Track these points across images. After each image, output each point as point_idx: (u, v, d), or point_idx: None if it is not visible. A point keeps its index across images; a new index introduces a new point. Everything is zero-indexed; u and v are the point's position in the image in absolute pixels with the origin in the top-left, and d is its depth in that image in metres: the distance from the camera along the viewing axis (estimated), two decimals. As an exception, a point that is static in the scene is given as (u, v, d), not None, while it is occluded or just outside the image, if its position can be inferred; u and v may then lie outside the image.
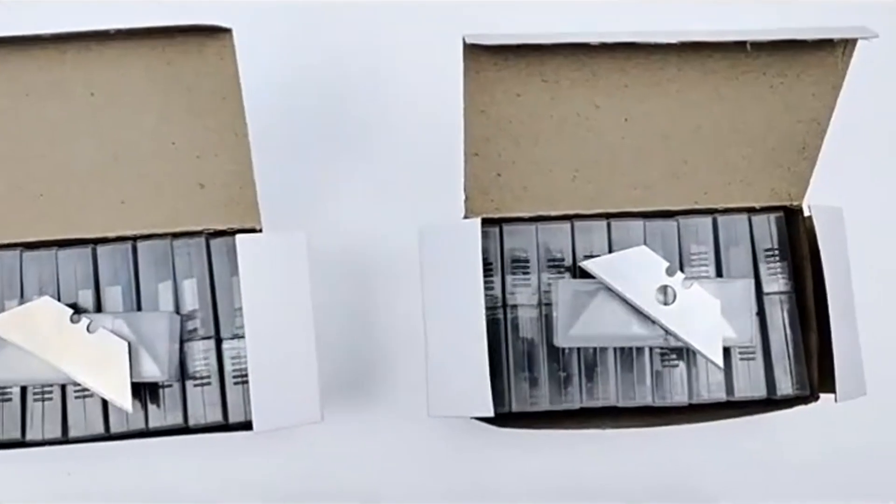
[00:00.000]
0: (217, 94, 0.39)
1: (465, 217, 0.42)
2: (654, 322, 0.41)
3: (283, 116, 0.51)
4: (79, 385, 0.40)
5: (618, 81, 0.39)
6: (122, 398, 0.39)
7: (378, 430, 0.49)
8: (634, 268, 0.41)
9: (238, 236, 0.41)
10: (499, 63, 0.38)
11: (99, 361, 0.39)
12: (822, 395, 0.43)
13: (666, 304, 0.41)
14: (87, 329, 0.40)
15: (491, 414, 0.40)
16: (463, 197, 0.42)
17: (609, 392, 0.42)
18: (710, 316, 0.41)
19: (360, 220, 0.50)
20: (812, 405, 0.43)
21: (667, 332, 0.41)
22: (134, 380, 0.40)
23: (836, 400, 0.41)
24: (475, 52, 0.37)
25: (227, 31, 0.38)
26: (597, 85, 0.39)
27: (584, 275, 0.42)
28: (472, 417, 0.41)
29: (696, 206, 0.43)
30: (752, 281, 0.42)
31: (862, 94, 0.43)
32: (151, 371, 0.40)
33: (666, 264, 0.41)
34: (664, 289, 0.41)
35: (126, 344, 0.39)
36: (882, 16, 0.51)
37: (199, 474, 0.48)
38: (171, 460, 0.48)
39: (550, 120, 0.40)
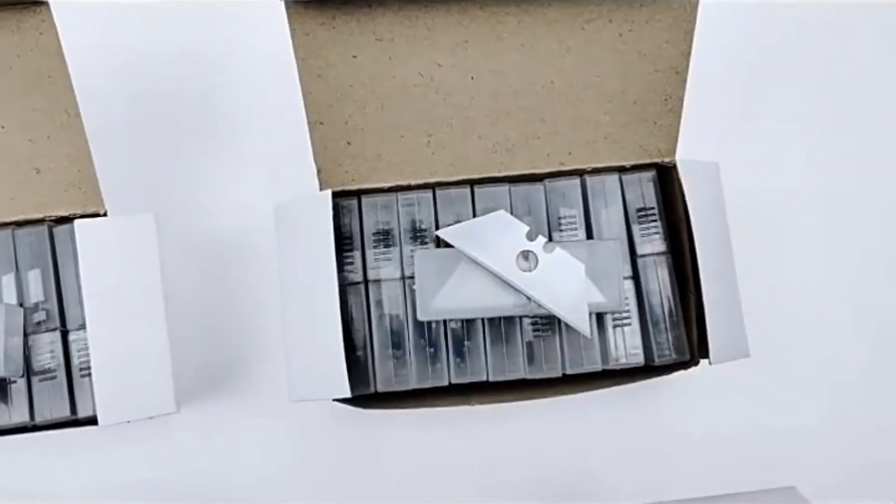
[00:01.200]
0: (42, 73, 0.38)
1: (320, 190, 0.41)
2: (518, 291, 0.39)
3: (129, 100, 0.49)
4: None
5: (457, 37, 0.37)
6: (-45, 396, 0.37)
7: (241, 420, 0.47)
8: (494, 234, 0.39)
9: (77, 221, 0.39)
10: (326, 22, 0.36)
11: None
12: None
13: (528, 270, 0.39)
14: (-81, 325, 0.38)
15: (348, 395, 0.38)
16: (316, 170, 0.40)
17: (479, 367, 0.40)
18: (574, 280, 0.39)
19: (216, 202, 0.48)
20: (696, 372, 0.41)
21: (530, 299, 0.39)
22: (-26, 376, 0.38)
23: (710, 363, 0.39)
24: (299, 11, 0.35)
25: (44, 3, 0.36)
26: (435, 42, 0.37)
27: (448, 246, 0.40)
28: (333, 400, 0.39)
29: (563, 168, 0.41)
30: (622, 241, 0.40)
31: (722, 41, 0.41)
32: (-11, 367, 0.38)
33: (526, 229, 0.39)
34: (525, 254, 0.39)
35: (-42, 339, 0.37)
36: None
37: (51, 473, 0.46)
38: (21, 459, 0.46)
39: (393, 81, 0.38)
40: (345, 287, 0.41)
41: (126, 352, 0.39)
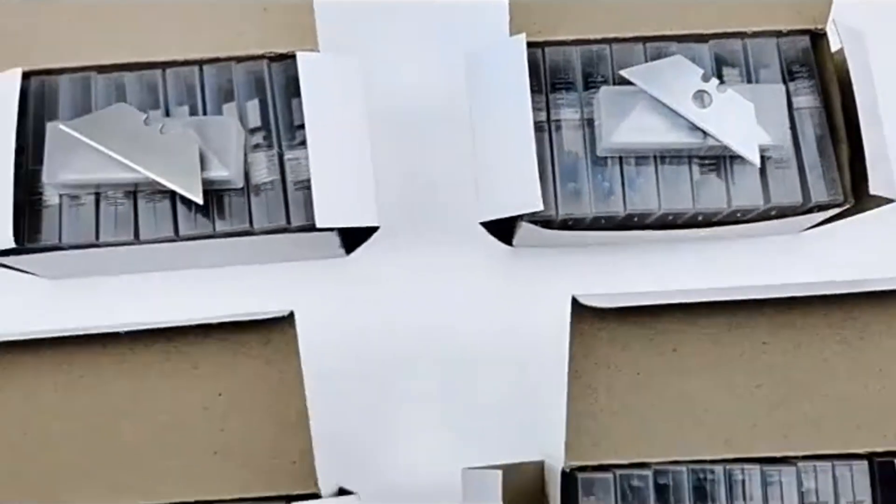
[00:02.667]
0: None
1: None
2: (692, 129, 0.43)
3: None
4: (149, 189, 0.43)
5: None
6: (194, 192, 0.42)
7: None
8: (671, 75, 0.44)
9: (299, 53, 0.44)
10: None
11: (171, 158, 0.42)
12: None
13: (703, 107, 0.43)
14: (160, 131, 0.42)
15: (540, 207, 0.42)
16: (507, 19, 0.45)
17: (650, 200, 0.44)
18: (745, 118, 0.43)
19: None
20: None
21: (705, 134, 0.43)
22: (204, 186, 0.42)
23: (869, 192, 0.42)
24: None
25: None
26: None
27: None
28: (520, 218, 0.43)
29: (727, 30, 0.46)
30: (784, 87, 0.45)
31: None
32: (220, 173, 0.42)
33: (701, 71, 0.44)
34: (700, 94, 0.43)
35: (197, 139, 0.42)
36: None
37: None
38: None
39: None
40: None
41: (338, 168, 0.43)
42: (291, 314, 0.36)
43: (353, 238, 0.48)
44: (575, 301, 0.35)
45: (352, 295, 0.51)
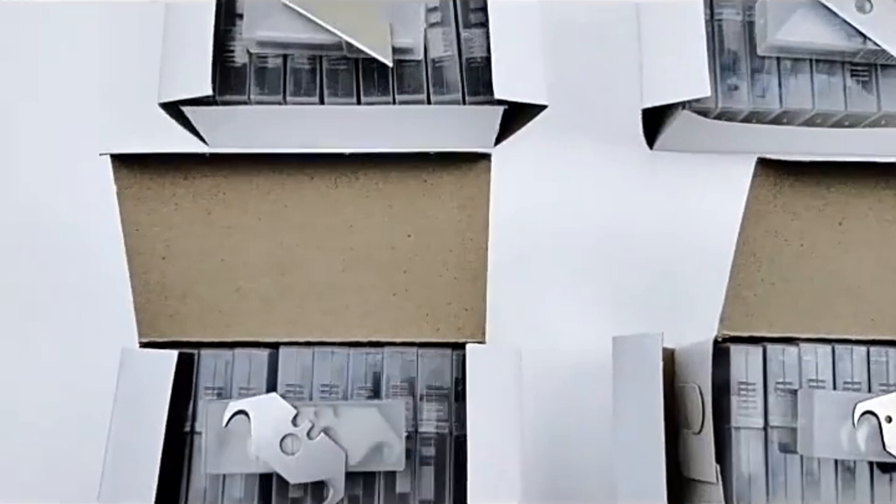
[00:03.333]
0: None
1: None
2: (851, 34, 0.45)
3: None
4: (336, 54, 0.45)
5: None
6: (385, 55, 0.44)
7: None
8: (835, -20, 0.46)
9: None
10: None
11: (363, 24, 0.44)
12: None
13: (864, 13, 0.45)
14: None
15: (708, 93, 0.44)
16: None
17: (805, 100, 0.47)
18: (903, 26, 0.45)
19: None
20: None
21: (864, 38, 0.45)
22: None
23: None
24: None
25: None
26: None
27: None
28: (682, 106, 0.46)
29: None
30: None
31: None
32: (404, 39, 0.45)
33: (864, -20, 0.46)
34: (861, 3, 0.46)
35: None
36: None
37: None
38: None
39: None
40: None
41: (515, 46, 0.45)
42: (488, 156, 0.38)
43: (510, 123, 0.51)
44: (758, 162, 0.38)
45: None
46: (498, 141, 0.53)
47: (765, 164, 0.38)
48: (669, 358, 0.47)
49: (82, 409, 0.46)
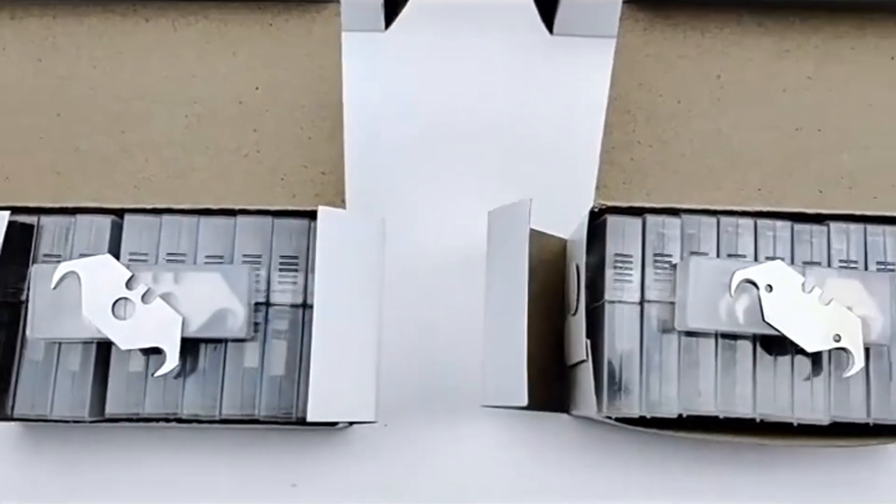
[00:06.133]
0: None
1: None
2: None
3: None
4: None
5: None
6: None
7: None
8: None
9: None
10: None
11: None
12: None
13: None
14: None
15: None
16: None
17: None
18: None
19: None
20: None
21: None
22: None
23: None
24: None
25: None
26: None
27: None
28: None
29: None
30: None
31: None
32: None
33: None
34: None
35: None
36: None
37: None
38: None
39: None
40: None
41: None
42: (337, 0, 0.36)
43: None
44: (624, 2, 0.35)
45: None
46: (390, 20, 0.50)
47: (631, 4, 0.35)
48: (562, 247, 0.44)
49: None
